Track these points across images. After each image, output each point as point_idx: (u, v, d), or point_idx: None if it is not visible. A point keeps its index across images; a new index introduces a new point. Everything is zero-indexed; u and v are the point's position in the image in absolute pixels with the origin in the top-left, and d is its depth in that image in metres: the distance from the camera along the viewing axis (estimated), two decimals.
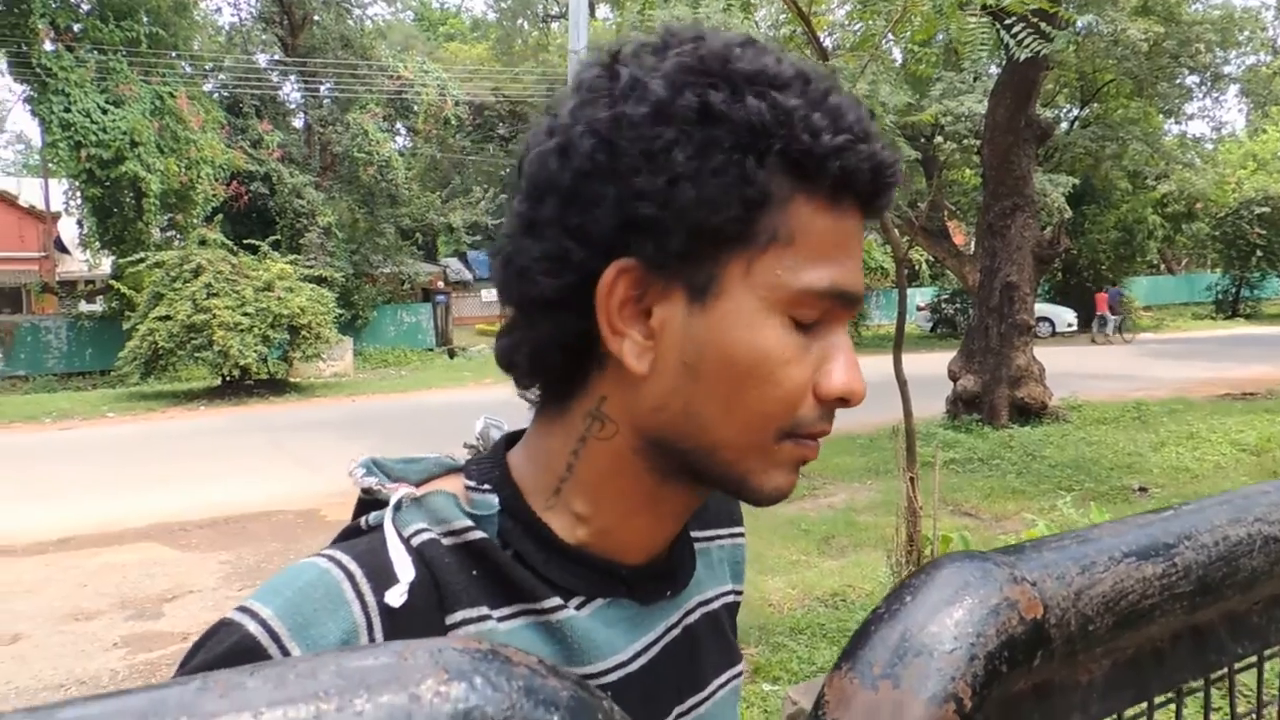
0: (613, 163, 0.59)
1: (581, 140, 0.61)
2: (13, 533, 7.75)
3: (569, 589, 0.66)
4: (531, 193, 0.64)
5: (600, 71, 0.64)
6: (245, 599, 0.62)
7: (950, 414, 11.51)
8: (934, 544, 4.88)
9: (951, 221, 23.59)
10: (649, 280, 0.61)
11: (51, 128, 18.88)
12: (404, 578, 0.61)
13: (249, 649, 0.58)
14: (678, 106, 0.59)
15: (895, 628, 0.40)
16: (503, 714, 0.31)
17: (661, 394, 0.63)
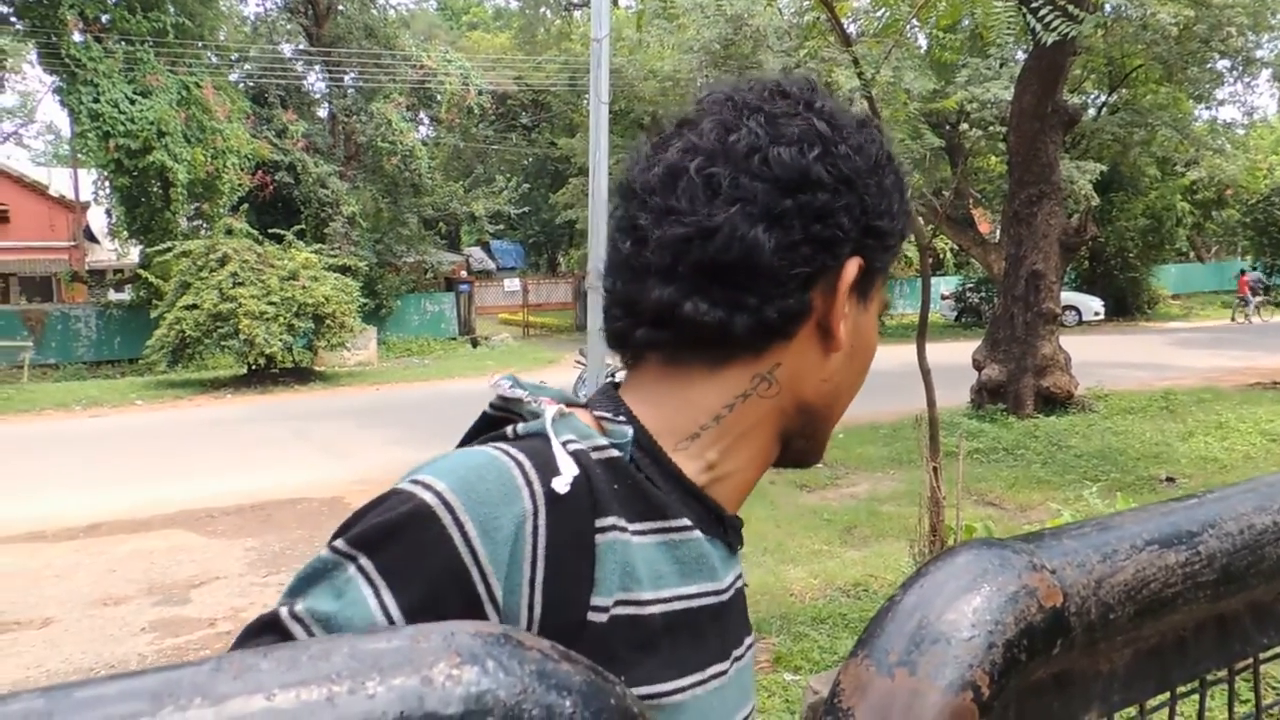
0: (859, 180, 0.75)
1: (842, 154, 0.74)
2: (44, 518, 7.87)
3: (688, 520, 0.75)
4: (783, 189, 0.73)
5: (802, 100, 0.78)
6: (413, 473, 0.67)
7: (974, 403, 11.43)
8: (957, 534, 4.85)
9: (976, 210, 23.38)
10: (860, 279, 0.76)
11: (80, 118, 19.05)
12: (567, 472, 0.67)
13: (426, 516, 0.62)
14: (890, 158, 0.79)
15: (912, 615, 0.40)
16: (515, 698, 0.31)
17: (834, 369, 0.78)
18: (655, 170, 0.76)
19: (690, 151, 0.75)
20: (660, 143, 0.79)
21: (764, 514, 7.31)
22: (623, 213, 0.79)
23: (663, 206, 0.74)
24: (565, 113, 32.57)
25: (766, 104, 0.76)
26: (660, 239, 0.73)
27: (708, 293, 0.72)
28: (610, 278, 0.80)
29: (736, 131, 0.74)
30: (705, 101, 0.80)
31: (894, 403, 12.74)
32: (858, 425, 11.36)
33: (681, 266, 0.72)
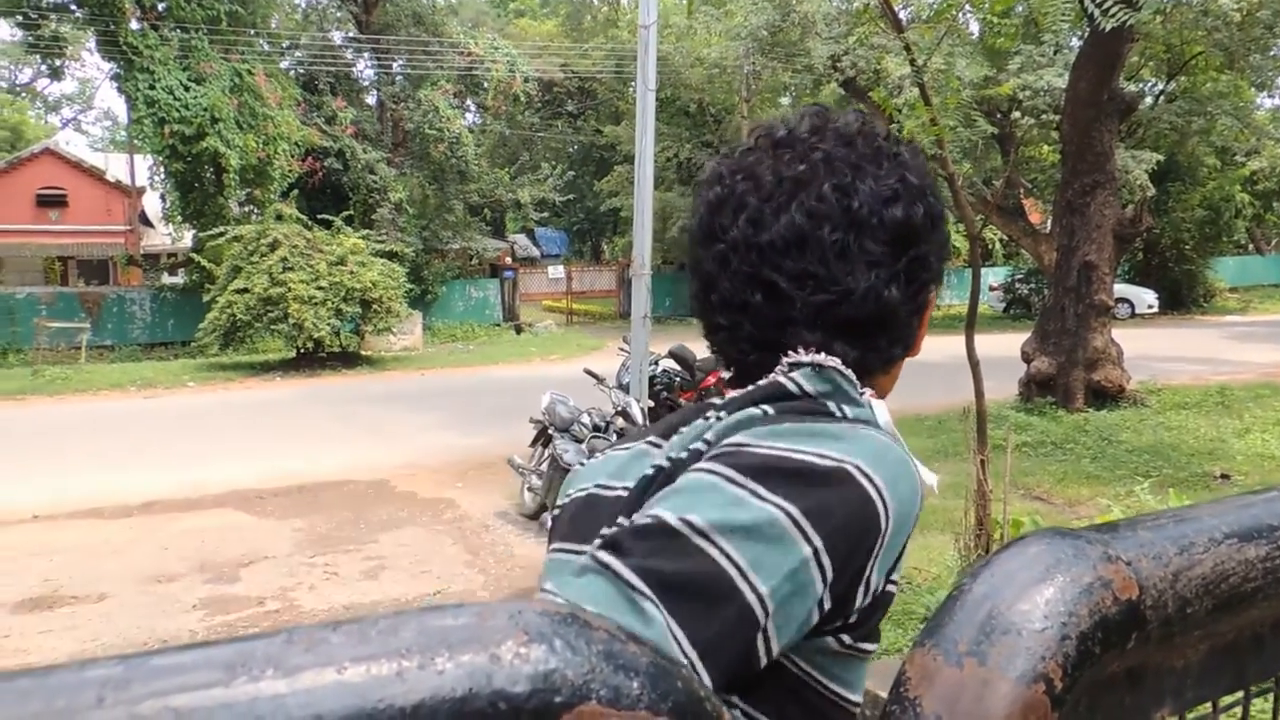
0: (941, 221, 0.93)
1: (930, 202, 0.91)
2: (101, 496, 8.06)
3: None
4: (899, 247, 0.89)
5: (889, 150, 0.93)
6: (849, 456, 0.75)
7: (1022, 396, 11.26)
8: (1004, 528, 4.79)
9: (1027, 199, 22.98)
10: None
11: (137, 104, 19.42)
12: (927, 474, 0.89)
13: (872, 515, 0.73)
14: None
15: (981, 604, 0.39)
16: (582, 678, 0.31)
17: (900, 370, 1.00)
18: (778, 230, 0.86)
19: (816, 218, 0.85)
20: (768, 195, 0.87)
21: None
22: (745, 266, 0.87)
23: (799, 270, 0.85)
24: (611, 100, 32.55)
25: (867, 163, 0.88)
26: (806, 301, 0.85)
27: (849, 339, 0.87)
28: (734, 317, 0.89)
29: (853, 197, 0.86)
30: (805, 153, 0.89)
31: (939, 394, 12.60)
32: (902, 416, 11.25)
33: (825, 319, 0.86)
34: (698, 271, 0.93)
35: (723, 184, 0.91)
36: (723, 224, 0.89)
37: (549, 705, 0.29)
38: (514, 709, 0.29)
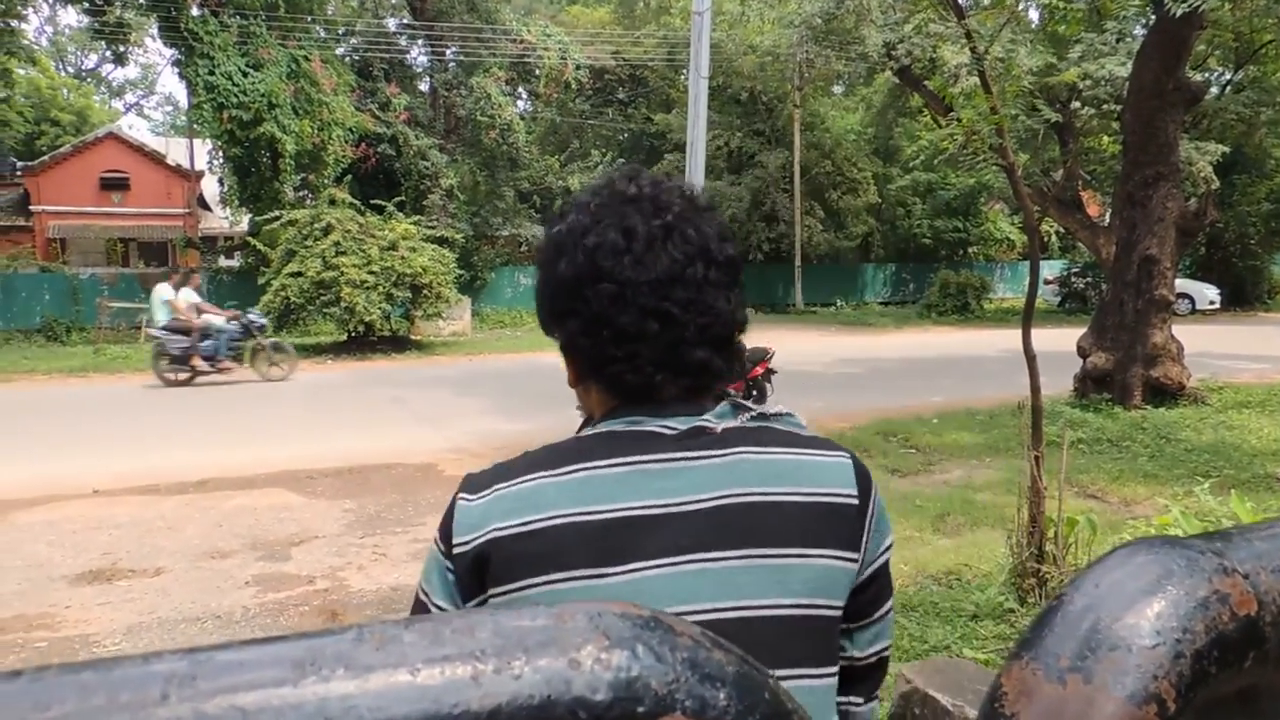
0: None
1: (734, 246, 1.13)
2: (157, 473, 8.24)
3: None
4: (738, 273, 1.09)
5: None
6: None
7: (1078, 392, 11.04)
8: (1058, 526, 4.69)
9: (1085, 191, 22.47)
10: None
11: (197, 90, 19.77)
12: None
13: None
14: None
15: (1084, 617, 0.36)
16: (666, 687, 0.29)
17: None
18: (662, 268, 1.01)
19: (687, 256, 1.03)
20: (646, 242, 1.02)
21: None
22: (641, 300, 1.01)
23: (685, 299, 1.01)
24: (662, 88, 32.43)
25: (702, 212, 1.08)
26: (694, 323, 1.02)
27: (718, 351, 1.05)
28: (632, 346, 1.01)
29: (706, 238, 1.05)
30: (664, 206, 1.05)
31: (991, 389, 12.41)
32: (953, 411, 11.10)
33: (705, 338, 1.03)
34: (582, 311, 1.03)
35: (595, 232, 1.03)
36: (605, 266, 1.01)
37: (631, 715, 0.28)
38: (594, 718, 0.27)
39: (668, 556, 0.95)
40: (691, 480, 0.99)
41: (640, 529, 0.96)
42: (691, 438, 1.02)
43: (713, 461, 1.00)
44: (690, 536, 0.96)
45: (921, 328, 24.87)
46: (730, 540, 0.97)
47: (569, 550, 0.95)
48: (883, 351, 18.37)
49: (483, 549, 0.98)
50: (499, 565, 0.97)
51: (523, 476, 1.01)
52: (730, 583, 0.96)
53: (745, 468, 1.00)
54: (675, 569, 0.95)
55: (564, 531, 0.96)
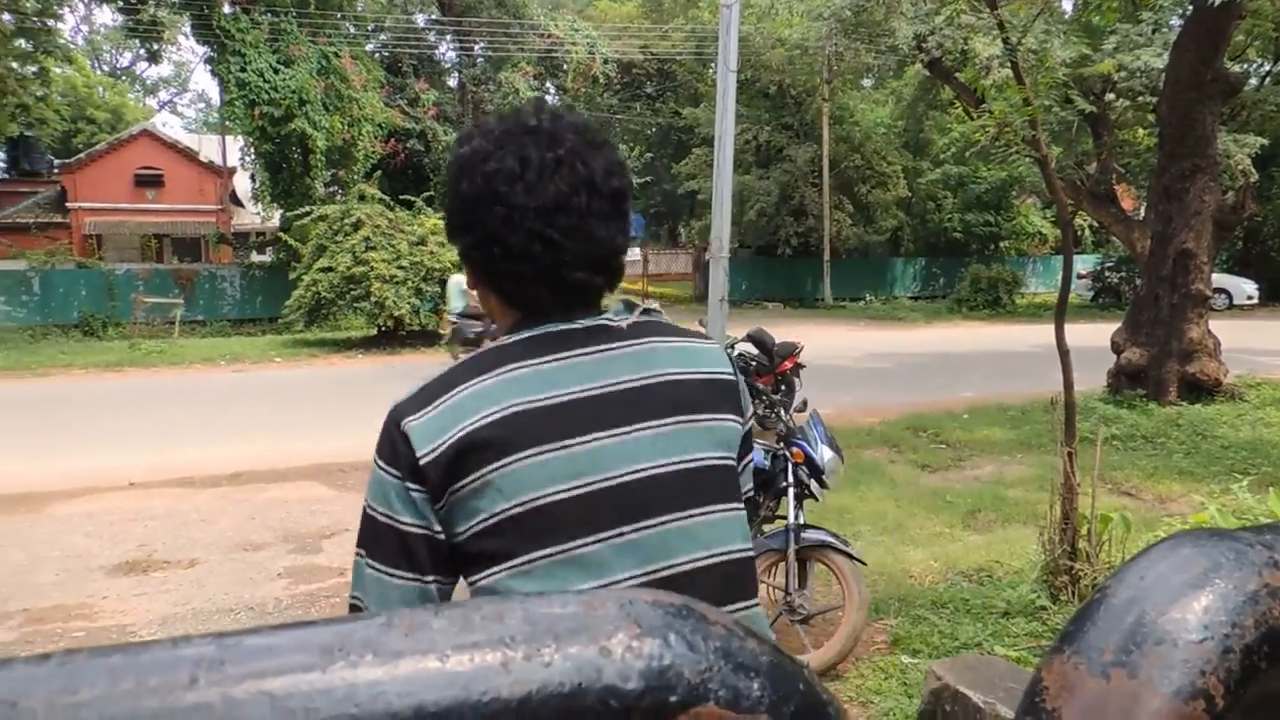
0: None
1: (628, 179, 1.27)
2: (192, 465, 8.34)
3: None
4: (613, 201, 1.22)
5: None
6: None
7: (1111, 388, 10.90)
8: (1091, 523, 4.63)
9: (1119, 185, 22.17)
10: None
11: (229, 87, 19.97)
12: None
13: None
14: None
15: (1128, 611, 0.35)
16: (699, 676, 0.28)
17: None
18: (549, 196, 1.15)
19: (574, 186, 1.16)
20: (537, 170, 1.16)
21: (883, 493, 7.15)
22: (527, 223, 1.15)
23: (566, 225, 1.16)
24: (690, 82, 32.36)
25: (595, 148, 1.21)
26: (575, 248, 1.17)
27: (599, 273, 1.22)
28: (519, 265, 1.17)
29: (592, 172, 1.17)
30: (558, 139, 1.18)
31: (1022, 384, 12.28)
32: (984, 406, 10.99)
33: (585, 260, 1.18)
34: (473, 229, 1.18)
35: (494, 159, 1.15)
36: (500, 190, 1.14)
37: (664, 705, 0.27)
38: (625, 707, 0.27)
39: (617, 427, 1.15)
40: (620, 365, 1.19)
41: (589, 406, 1.15)
42: (603, 331, 1.21)
43: (632, 349, 1.21)
44: (631, 409, 1.16)
45: (952, 323, 24.66)
46: (664, 410, 1.18)
47: (531, 430, 1.12)
48: (912, 346, 18.23)
49: (458, 445, 1.11)
50: (468, 459, 1.11)
51: (463, 385, 1.15)
52: (672, 442, 1.17)
53: (660, 353, 1.22)
54: (626, 436, 1.15)
55: (523, 416, 1.12)
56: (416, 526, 1.15)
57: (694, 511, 1.17)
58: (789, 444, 4.46)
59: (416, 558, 1.15)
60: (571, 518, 1.11)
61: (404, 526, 1.15)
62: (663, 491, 1.15)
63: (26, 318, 21.20)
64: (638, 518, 1.13)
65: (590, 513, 1.12)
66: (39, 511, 7.04)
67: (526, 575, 1.11)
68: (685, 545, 1.15)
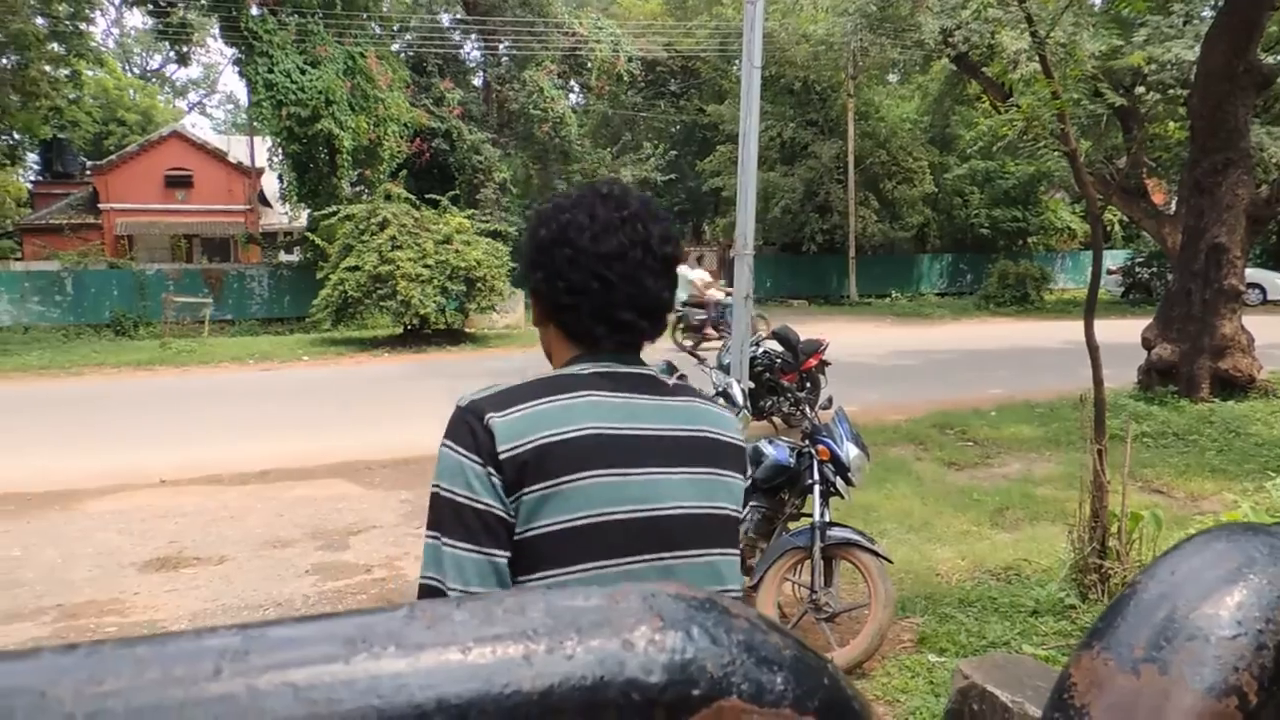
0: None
1: (678, 248, 1.51)
2: (221, 463, 8.43)
3: None
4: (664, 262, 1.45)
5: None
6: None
7: (1142, 385, 10.76)
8: (1121, 521, 4.58)
9: (1150, 179, 21.89)
10: None
11: (257, 88, 20.15)
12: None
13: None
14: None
15: (1159, 606, 0.35)
16: (722, 670, 0.28)
17: None
18: (610, 246, 1.36)
19: (633, 242, 1.37)
20: (603, 225, 1.37)
21: (909, 491, 7.11)
22: (589, 264, 1.35)
23: (621, 272, 1.36)
24: (714, 79, 32.28)
25: (656, 218, 1.42)
26: (625, 292, 1.36)
27: (645, 317, 1.41)
28: (577, 299, 1.36)
29: (650, 234, 1.38)
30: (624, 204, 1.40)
31: (1051, 381, 12.16)
32: (1012, 403, 10.90)
33: (633, 304, 1.38)
34: (545, 266, 1.38)
35: (569, 212, 1.38)
36: (570, 237, 1.35)
37: (686, 698, 0.27)
38: (648, 700, 0.27)
39: (669, 466, 1.33)
40: (673, 416, 1.38)
41: (647, 443, 1.33)
42: (656, 382, 1.41)
43: (680, 404, 1.40)
44: (680, 454, 1.35)
45: (979, 319, 24.46)
46: (702, 460, 1.38)
47: (599, 454, 1.28)
48: (939, 343, 18.11)
49: (534, 451, 1.25)
50: (545, 464, 1.25)
51: (545, 398, 1.31)
52: (705, 489, 1.37)
53: (698, 411, 1.42)
54: (674, 476, 1.33)
55: (593, 440, 1.28)
56: (491, 507, 1.26)
57: (714, 551, 1.38)
58: (814, 441, 4.44)
59: (497, 535, 1.25)
60: (623, 538, 1.28)
61: (484, 507, 1.25)
62: (697, 529, 1.35)
63: (60, 318, 21.52)
64: (676, 548, 1.33)
65: (639, 536, 1.30)
66: (72, 508, 7.14)
67: (585, 577, 1.26)
68: (705, 580, 1.35)
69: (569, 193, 1.45)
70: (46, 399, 12.55)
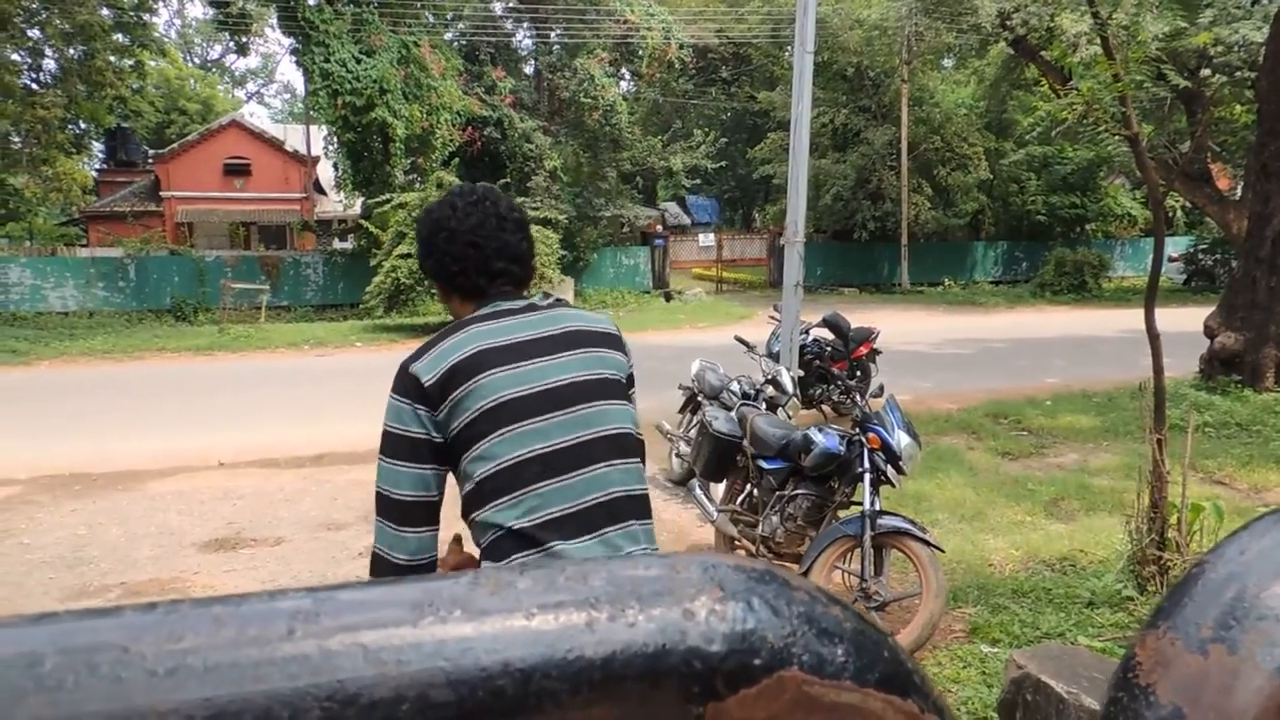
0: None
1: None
2: (277, 446, 8.60)
3: None
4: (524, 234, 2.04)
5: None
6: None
7: (1203, 374, 10.50)
8: (1181, 512, 4.48)
9: (1214, 164, 21.29)
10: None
11: (313, 77, 20.43)
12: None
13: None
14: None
15: (1227, 586, 0.34)
16: (782, 641, 0.28)
17: None
18: (474, 220, 1.90)
19: (520, 225, 1.96)
20: (503, 216, 1.94)
21: (962, 481, 7.02)
22: (515, 240, 1.94)
23: (487, 235, 1.90)
24: (766, 65, 32.01)
25: (514, 208, 1.98)
26: (492, 248, 1.90)
27: (515, 264, 1.94)
28: (511, 266, 1.94)
29: (499, 207, 1.94)
30: (498, 202, 1.97)
31: (1108, 370, 11.92)
32: (1068, 393, 10.70)
33: (503, 256, 1.91)
34: (434, 250, 1.93)
35: (439, 209, 1.93)
36: (444, 224, 1.90)
37: (747, 667, 0.27)
38: (709, 669, 0.27)
39: (550, 355, 1.82)
40: (543, 321, 1.87)
41: (529, 343, 1.82)
42: (531, 307, 1.89)
43: (550, 313, 1.89)
44: (555, 344, 1.84)
45: (1035, 307, 24.03)
46: (578, 344, 1.87)
47: (490, 358, 1.78)
48: (993, 332, 17.83)
49: (448, 372, 1.76)
50: (457, 378, 1.75)
51: (447, 339, 1.81)
52: (582, 363, 1.85)
53: (568, 315, 1.91)
54: (557, 359, 1.82)
55: (487, 351, 1.79)
56: (420, 434, 1.77)
57: (600, 403, 1.83)
58: (864, 430, 4.40)
59: (420, 453, 1.77)
60: (525, 408, 1.76)
61: (412, 434, 1.78)
62: (582, 390, 1.82)
63: (123, 303, 22.08)
64: (567, 406, 1.79)
65: (537, 404, 1.77)
66: (136, 490, 7.34)
67: (502, 441, 1.74)
68: (596, 421, 1.81)
69: (435, 201, 2.00)
70: (110, 382, 12.90)
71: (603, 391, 1.84)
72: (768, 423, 4.98)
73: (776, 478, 4.77)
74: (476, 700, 0.26)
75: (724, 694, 0.27)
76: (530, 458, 1.73)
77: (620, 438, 1.84)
